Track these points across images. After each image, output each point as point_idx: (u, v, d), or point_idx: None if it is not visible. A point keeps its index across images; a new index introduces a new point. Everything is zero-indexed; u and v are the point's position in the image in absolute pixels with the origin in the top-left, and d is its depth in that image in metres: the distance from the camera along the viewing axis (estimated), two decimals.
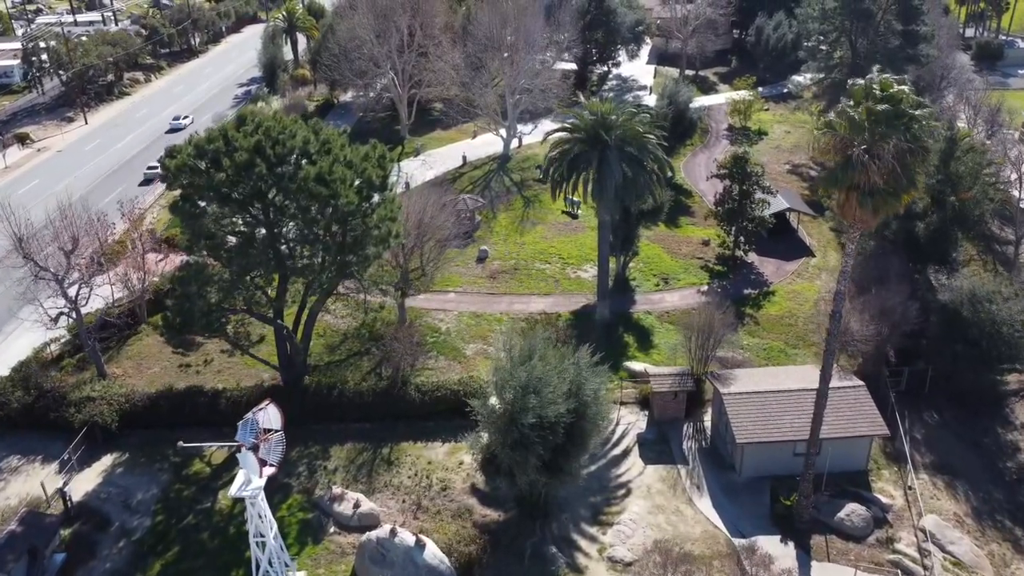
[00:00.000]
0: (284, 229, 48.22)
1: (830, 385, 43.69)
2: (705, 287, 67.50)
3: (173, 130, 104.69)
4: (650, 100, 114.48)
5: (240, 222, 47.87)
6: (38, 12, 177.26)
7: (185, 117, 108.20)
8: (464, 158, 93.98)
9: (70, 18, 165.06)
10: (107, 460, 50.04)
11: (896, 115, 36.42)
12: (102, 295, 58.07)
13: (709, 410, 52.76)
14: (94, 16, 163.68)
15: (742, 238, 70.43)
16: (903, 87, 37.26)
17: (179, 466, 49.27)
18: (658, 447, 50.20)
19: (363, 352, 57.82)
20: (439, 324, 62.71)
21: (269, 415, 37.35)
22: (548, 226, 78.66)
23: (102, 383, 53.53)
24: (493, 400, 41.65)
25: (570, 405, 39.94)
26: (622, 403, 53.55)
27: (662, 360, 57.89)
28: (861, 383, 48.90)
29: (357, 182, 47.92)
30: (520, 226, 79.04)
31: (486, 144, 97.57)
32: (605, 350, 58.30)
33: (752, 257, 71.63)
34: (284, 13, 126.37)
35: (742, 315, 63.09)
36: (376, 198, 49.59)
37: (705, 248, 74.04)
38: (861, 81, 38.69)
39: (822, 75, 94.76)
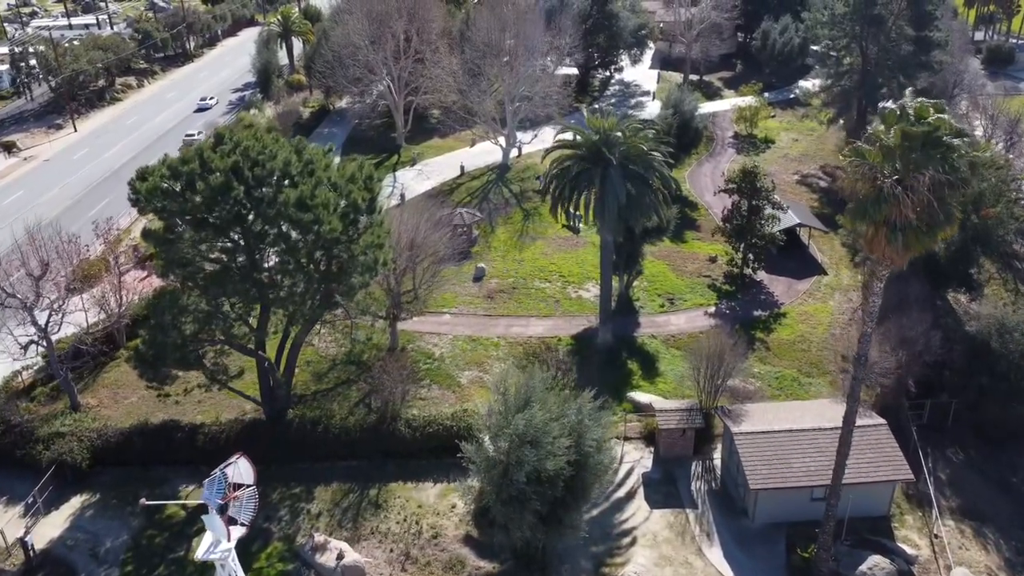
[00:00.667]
0: (265, 256, 44.47)
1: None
2: (713, 308, 63.79)
3: (201, 109, 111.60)
4: (653, 106, 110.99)
5: (217, 248, 44.15)
6: (33, 15, 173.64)
7: (211, 98, 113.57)
8: (462, 168, 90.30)
9: (65, 21, 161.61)
10: (76, 502, 46.42)
11: (933, 143, 32.65)
12: (76, 321, 54.32)
13: (719, 446, 49.08)
14: (89, 19, 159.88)
15: (751, 256, 66.72)
16: (941, 113, 33.42)
17: (151, 509, 45.57)
18: (665, 488, 46.50)
19: (352, 380, 54.11)
20: (433, 349, 59.03)
21: (240, 470, 33.68)
22: (548, 241, 74.95)
23: (73, 416, 49.98)
24: (487, 444, 37.95)
25: (570, 456, 36.25)
26: (626, 438, 49.86)
27: (668, 390, 54.20)
28: (882, 422, 45.17)
29: (342, 205, 44.21)
30: (519, 241, 75.35)
31: (485, 153, 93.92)
32: (607, 379, 55.25)
33: (761, 275, 67.90)
34: (279, 17, 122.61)
35: (752, 339, 59.40)
36: (364, 220, 45.88)
37: (712, 265, 70.32)
38: (891, 105, 34.90)
39: (831, 82, 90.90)
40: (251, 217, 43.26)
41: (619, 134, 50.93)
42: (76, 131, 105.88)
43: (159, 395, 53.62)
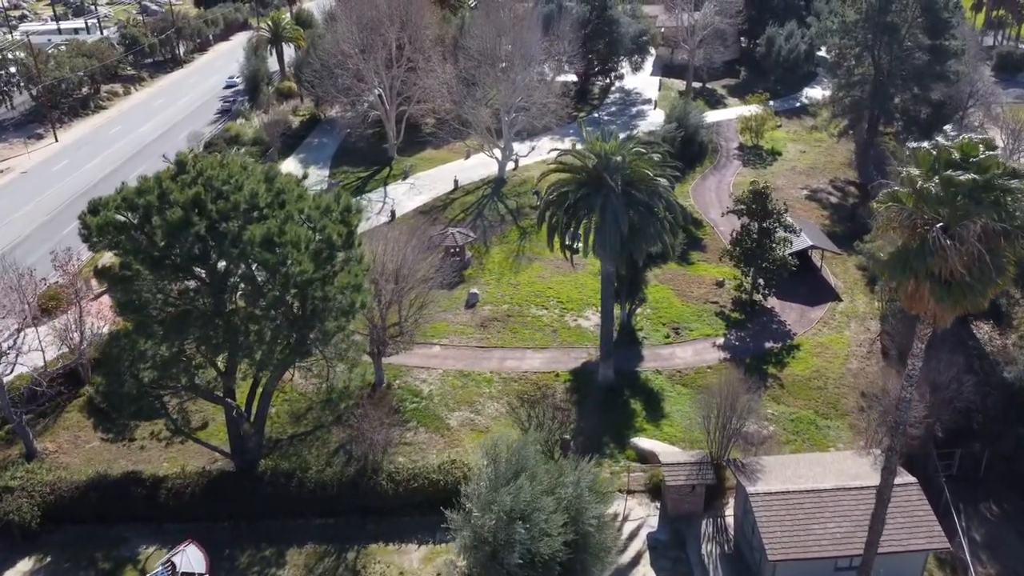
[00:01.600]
0: (231, 297, 39.80)
1: (872, 483, 35.83)
2: (721, 339, 59.12)
3: (229, 86, 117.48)
4: (655, 115, 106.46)
5: (177, 289, 39.52)
6: (23, 18, 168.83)
7: (238, 76, 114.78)
8: (456, 182, 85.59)
9: (54, 25, 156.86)
10: (24, 566, 41.77)
11: (984, 187, 27.96)
12: (33, 361, 49.69)
13: (731, 501, 44.46)
14: (78, 23, 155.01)
15: (761, 281, 62.09)
16: (993, 152, 28.73)
17: (108, 574, 41.01)
18: (673, 553, 41.82)
19: (332, 422, 49.42)
20: (420, 386, 54.39)
21: (190, 558, 29.33)
22: (545, 262, 70.21)
23: (26, 468, 45.36)
24: (475, 515, 33.30)
25: (567, 536, 31.62)
26: (629, 492, 45.23)
27: (675, 435, 49.57)
28: (913, 480, 40.51)
29: (316, 241, 39.54)
30: (515, 262, 70.68)
31: (480, 165, 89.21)
32: (609, 421, 50.65)
33: (772, 302, 63.26)
34: (269, 23, 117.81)
35: (764, 376, 54.79)
36: (341, 256, 41.20)
37: (719, 290, 65.67)
38: (927, 144, 30.29)
39: (841, 93, 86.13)
40: (215, 255, 38.64)
41: (619, 158, 46.12)
42: (57, 141, 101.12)
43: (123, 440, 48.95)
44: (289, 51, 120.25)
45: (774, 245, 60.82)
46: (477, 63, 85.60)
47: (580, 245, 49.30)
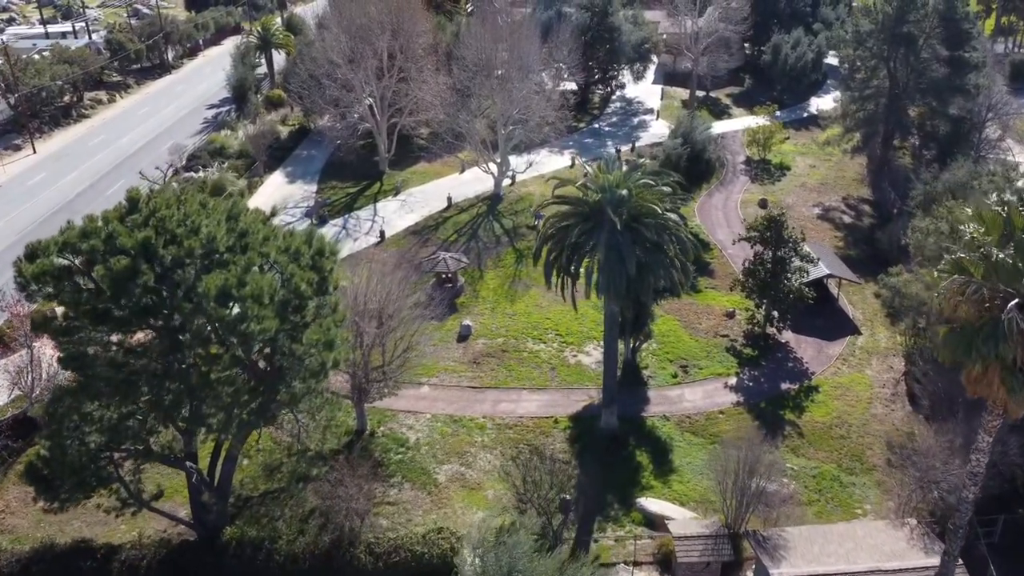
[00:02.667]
0: (186, 356, 34.61)
1: (912, 565, 30.99)
2: (733, 379, 54.04)
3: None
4: (657, 125, 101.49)
5: (124, 346, 34.36)
6: (11, 21, 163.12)
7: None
8: (449, 199, 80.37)
9: (42, 29, 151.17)
10: None
11: None
12: None
13: (749, 574, 39.39)
14: (65, 27, 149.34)
15: (775, 313, 57.01)
16: None
17: None
18: None
19: (308, 478, 44.24)
20: (407, 433, 49.29)
21: None
22: (543, 289, 63.90)
23: None
24: None
25: None
26: (636, 563, 40.16)
27: (685, 493, 44.50)
28: (959, 562, 35.38)
29: (282, 292, 34.37)
30: (511, 289, 65.56)
31: (475, 180, 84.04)
32: (612, 476, 45.61)
33: (787, 336, 58.23)
34: (258, 28, 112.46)
35: (781, 422, 49.75)
36: (312, 305, 36.02)
37: (729, 321, 60.59)
38: (993, 199, 25.20)
39: (855, 106, 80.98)
40: (166, 308, 33.50)
41: (624, 192, 40.94)
42: (35, 152, 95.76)
43: None
44: (279, 58, 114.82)
45: (789, 275, 55.76)
46: (472, 73, 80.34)
47: (582, 286, 44.09)
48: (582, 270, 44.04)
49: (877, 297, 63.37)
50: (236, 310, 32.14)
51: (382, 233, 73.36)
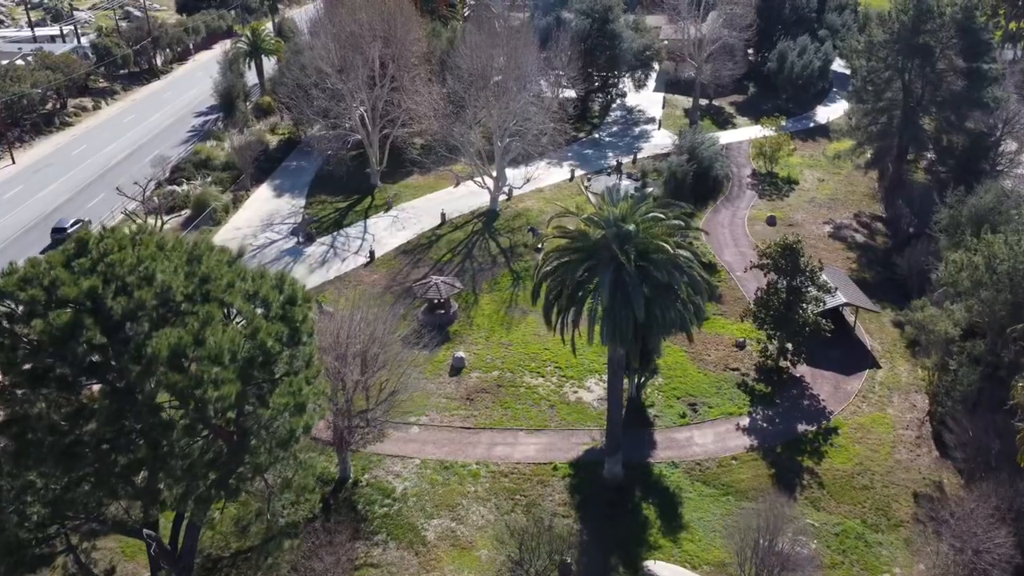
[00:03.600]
0: (136, 424, 30.20)
1: None
2: (746, 420, 49.78)
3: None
4: (659, 135, 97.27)
5: (66, 409, 30.01)
6: None
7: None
8: (443, 216, 76.04)
9: (30, 32, 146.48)
10: None
11: None
12: None
13: None
14: (53, 30, 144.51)
15: (789, 346, 52.75)
16: None
17: None
18: None
19: (281, 548, 39.88)
20: (393, 482, 44.99)
21: None
22: (541, 316, 60.59)
23: None
24: None
25: None
26: None
27: (697, 554, 40.24)
28: None
29: (247, 345, 29.99)
30: (507, 315, 61.27)
31: (470, 194, 79.69)
32: (616, 533, 41.34)
33: (802, 369, 53.96)
34: (247, 34, 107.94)
35: (799, 469, 45.52)
36: (284, 358, 31.62)
37: (739, 352, 56.34)
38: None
39: (867, 120, 76.67)
40: (114, 369, 29.19)
41: (632, 227, 36.61)
42: (14, 163, 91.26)
43: None
44: (270, 64, 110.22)
45: (805, 306, 51.49)
46: (467, 83, 75.90)
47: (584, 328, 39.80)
48: (584, 310, 39.64)
49: (896, 326, 59.34)
50: (194, 366, 27.76)
51: (372, 253, 69.02)
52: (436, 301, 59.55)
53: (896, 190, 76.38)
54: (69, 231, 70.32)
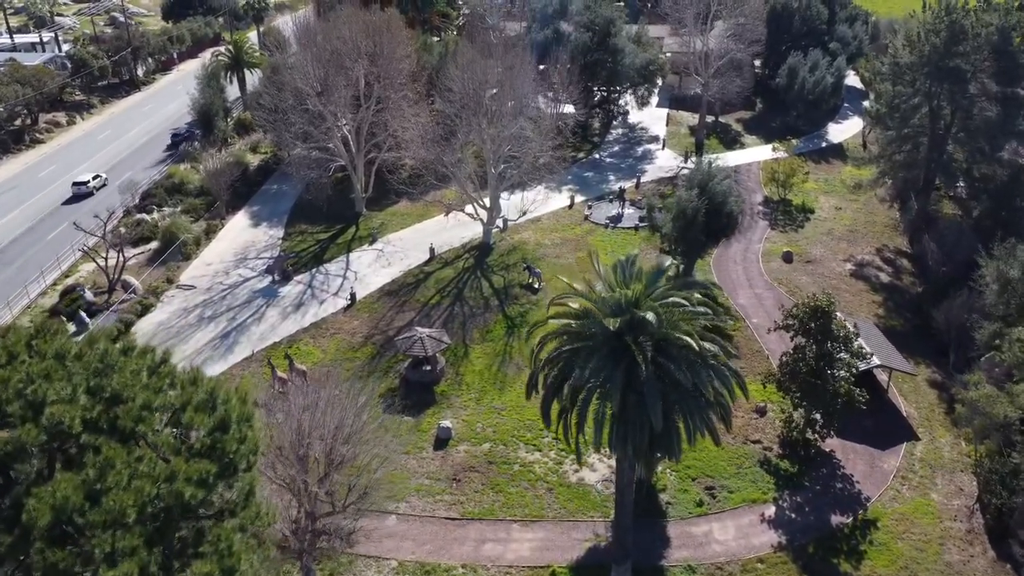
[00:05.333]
0: None
1: None
2: (772, 508, 42.88)
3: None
4: (664, 156, 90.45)
5: None
6: None
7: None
8: (432, 250, 69.05)
9: (9, 39, 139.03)
10: None
11: None
12: None
13: None
14: (32, 37, 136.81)
15: (818, 416, 45.83)
16: None
17: None
18: None
19: None
20: None
21: None
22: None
23: None
24: None
25: None
26: None
27: None
28: None
29: (163, 488, 22.98)
30: (500, 372, 54.30)
31: (461, 225, 72.71)
32: None
33: (831, 443, 47.07)
34: (229, 47, 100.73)
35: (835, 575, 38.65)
36: (215, 502, 24.62)
37: (760, 419, 49.47)
38: None
39: (891, 148, 69.71)
40: None
41: (651, 316, 29.63)
42: None
43: None
44: (254, 78, 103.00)
45: (837, 375, 44.56)
46: (460, 106, 68.76)
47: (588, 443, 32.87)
48: (590, 411, 32.65)
49: (932, 386, 52.45)
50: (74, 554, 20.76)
51: (352, 296, 62.00)
52: (421, 357, 52.56)
53: (921, 224, 69.48)
54: (90, 184, 79.63)
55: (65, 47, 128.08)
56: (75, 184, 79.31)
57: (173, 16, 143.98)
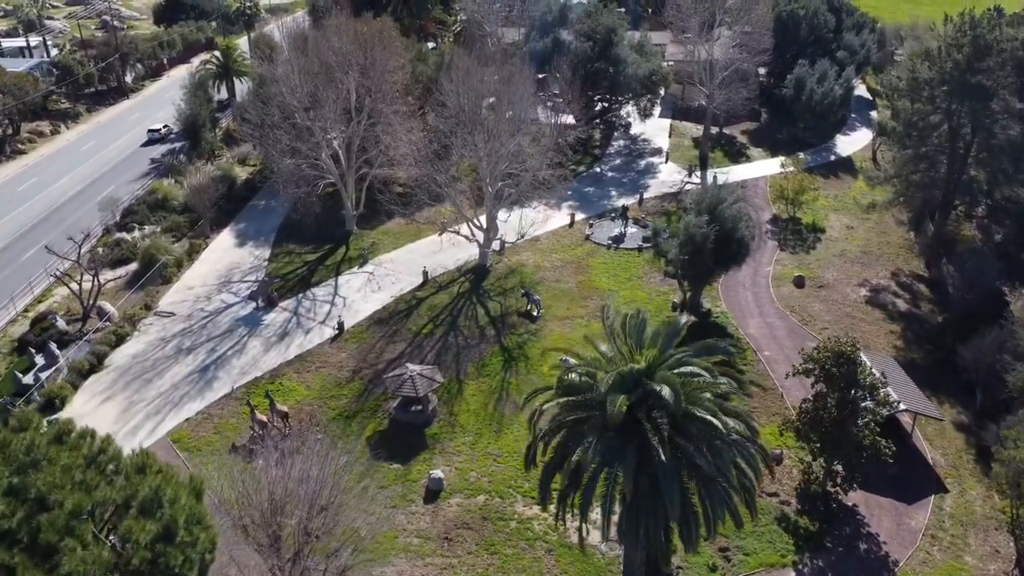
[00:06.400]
0: None
1: None
2: (791, 573, 38.90)
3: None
4: (667, 170, 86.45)
5: None
6: None
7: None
8: (426, 274, 65.04)
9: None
10: None
11: None
12: None
13: None
14: (19, 42, 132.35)
15: (839, 468, 41.90)
16: None
17: None
18: None
19: None
20: None
21: None
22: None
23: None
24: None
25: None
26: None
27: None
28: None
29: None
30: (496, 411, 50.32)
31: (457, 246, 68.59)
32: None
33: (854, 496, 43.15)
34: (217, 55, 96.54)
35: None
36: None
37: (776, 468, 45.45)
38: None
39: (908, 168, 65.71)
40: None
41: (667, 393, 25.63)
42: None
43: None
44: (243, 87, 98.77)
45: (862, 425, 40.62)
46: (455, 122, 64.65)
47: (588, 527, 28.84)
48: (595, 494, 28.63)
49: (959, 430, 48.58)
50: None
51: (340, 325, 57.99)
52: (411, 396, 48.53)
53: (939, 247, 65.55)
54: (161, 132, 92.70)
55: (54, 52, 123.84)
56: (149, 131, 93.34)
57: (165, 20, 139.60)
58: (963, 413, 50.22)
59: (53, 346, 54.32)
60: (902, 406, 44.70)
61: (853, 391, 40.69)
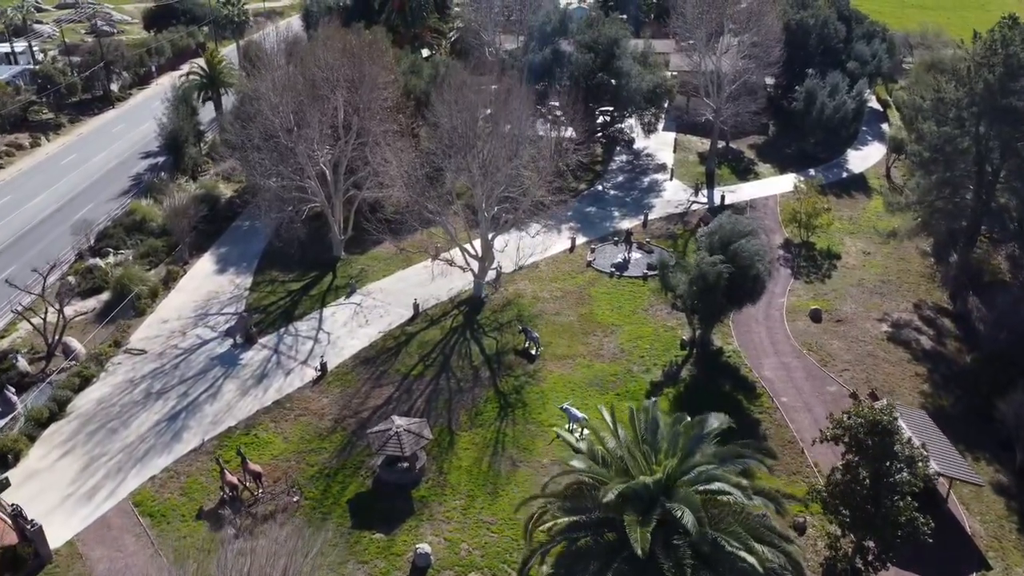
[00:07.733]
0: None
1: None
2: None
3: None
4: (672, 188, 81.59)
5: None
6: None
7: None
8: (416, 306, 60.15)
9: None
10: None
11: None
12: None
13: None
14: (17, 47, 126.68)
15: (870, 544, 37.08)
16: None
17: None
18: None
19: None
20: None
21: None
22: (534, 467, 45.29)
23: None
24: None
25: None
26: None
27: None
28: None
29: None
30: (492, 469, 45.46)
31: (449, 276, 63.78)
32: None
33: (886, 575, 38.26)
34: (202, 65, 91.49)
35: None
36: None
37: (799, 538, 40.65)
38: None
39: (933, 195, 60.76)
40: None
41: (689, 519, 20.80)
42: None
43: None
44: (231, 98, 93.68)
45: (897, 499, 35.76)
46: (448, 144, 59.63)
47: None
48: None
49: (999, 493, 43.77)
50: None
51: (323, 365, 53.12)
52: (396, 453, 43.66)
53: (964, 279, 60.69)
54: None
55: (40, 57, 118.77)
56: None
57: (156, 25, 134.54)
58: (1001, 472, 45.42)
59: (10, 392, 49.48)
60: (934, 466, 39.83)
61: (889, 463, 35.82)
